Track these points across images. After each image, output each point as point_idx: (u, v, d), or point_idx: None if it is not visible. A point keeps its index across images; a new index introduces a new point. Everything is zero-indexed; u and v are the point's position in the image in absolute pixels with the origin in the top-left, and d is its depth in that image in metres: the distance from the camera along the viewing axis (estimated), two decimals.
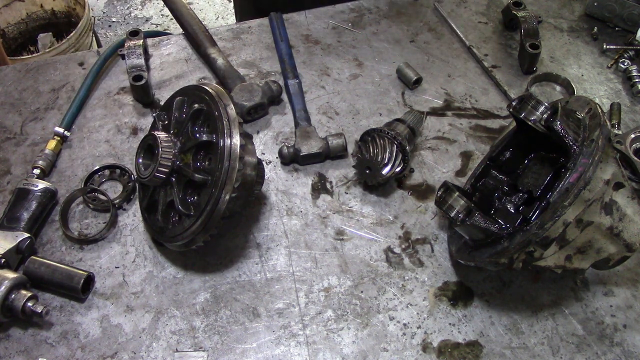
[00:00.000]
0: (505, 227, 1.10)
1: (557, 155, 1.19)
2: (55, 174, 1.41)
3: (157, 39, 1.70)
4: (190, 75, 1.60)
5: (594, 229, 1.05)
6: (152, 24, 4.07)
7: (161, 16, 4.11)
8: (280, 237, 1.31)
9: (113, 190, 1.39)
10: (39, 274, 1.20)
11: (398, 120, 1.40)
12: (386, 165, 1.30)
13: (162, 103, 1.52)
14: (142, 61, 1.52)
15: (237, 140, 1.12)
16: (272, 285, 1.24)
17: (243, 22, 1.74)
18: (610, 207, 1.04)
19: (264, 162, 1.41)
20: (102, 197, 1.34)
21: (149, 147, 1.22)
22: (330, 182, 1.40)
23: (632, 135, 1.39)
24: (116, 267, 1.26)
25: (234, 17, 3.86)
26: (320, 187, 1.39)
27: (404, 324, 1.19)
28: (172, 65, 1.63)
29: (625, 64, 1.60)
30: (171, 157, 1.17)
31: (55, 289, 1.22)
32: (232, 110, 1.15)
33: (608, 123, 1.06)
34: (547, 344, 1.17)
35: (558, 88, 1.59)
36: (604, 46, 1.64)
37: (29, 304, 1.13)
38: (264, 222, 1.33)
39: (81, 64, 1.63)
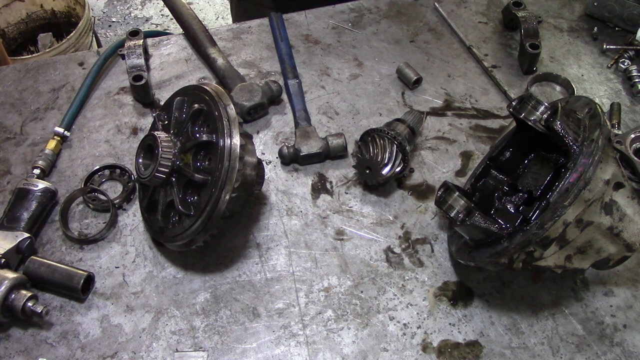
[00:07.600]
0: (505, 227, 1.10)
1: (557, 155, 1.19)
2: (55, 174, 1.41)
3: (157, 39, 1.70)
4: (190, 75, 1.60)
5: (594, 229, 1.05)
6: (152, 24, 4.08)
7: (161, 16, 4.11)
8: (280, 237, 1.31)
9: (113, 190, 1.39)
10: (39, 274, 1.20)
11: (398, 120, 1.40)
12: (386, 165, 1.30)
13: (162, 103, 1.52)
14: (142, 61, 1.52)
15: (237, 140, 1.12)
16: (272, 285, 1.24)
17: (243, 22, 1.74)
18: (610, 207, 1.04)
19: (264, 162, 1.41)
20: (102, 197, 1.34)
21: (149, 147, 1.22)
22: (330, 182, 1.40)
23: (632, 135, 1.39)
24: (116, 267, 1.26)
25: None
26: (320, 187, 1.39)
27: (404, 324, 1.19)
28: (172, 65, 1.63)
29: (625, 64, 1.59)
30: (171, 157, 1.17)
31: (55, 289, 1.22)
32: (232, 110, 1.15)
33: (608, 123, 1.06)
34: (547, 344, 1.17)
35: (558, 88, 1.59)
36: (604, 46, 1.64)
37: (29, 304, 1.13)
38: (264, 222, 1.33)
39: (81, 64, 1.63)
